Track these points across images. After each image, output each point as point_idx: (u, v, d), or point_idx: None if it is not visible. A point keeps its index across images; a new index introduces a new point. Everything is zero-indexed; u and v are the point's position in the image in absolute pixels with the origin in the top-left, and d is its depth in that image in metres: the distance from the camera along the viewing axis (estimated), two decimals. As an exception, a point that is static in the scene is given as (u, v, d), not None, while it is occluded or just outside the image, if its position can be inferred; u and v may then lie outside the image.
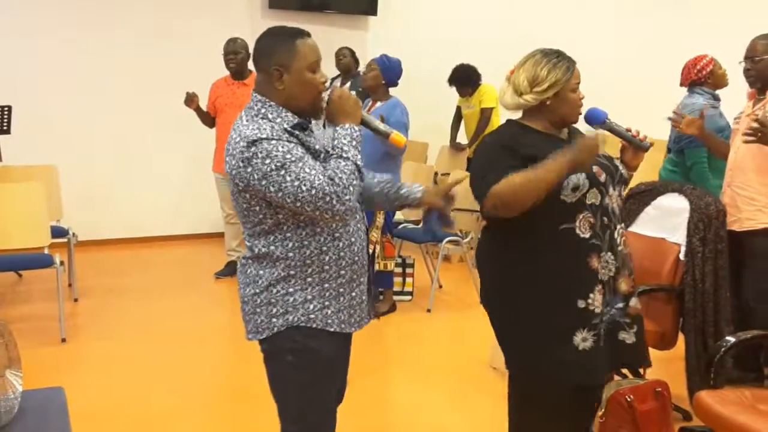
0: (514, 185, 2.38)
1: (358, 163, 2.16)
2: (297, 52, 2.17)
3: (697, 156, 4.31)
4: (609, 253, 2.51)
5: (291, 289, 2.21)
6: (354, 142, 2.20)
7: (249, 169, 2.08)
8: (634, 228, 3.84)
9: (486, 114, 6.96)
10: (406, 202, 2.54)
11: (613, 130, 2.68)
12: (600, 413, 3.03)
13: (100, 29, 6.71)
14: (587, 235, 2.47)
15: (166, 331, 4.87)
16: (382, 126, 2.36)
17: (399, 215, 5.60)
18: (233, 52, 5.68)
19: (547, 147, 2.43)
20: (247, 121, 2.16)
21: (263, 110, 2.18)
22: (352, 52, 6.95)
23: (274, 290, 2.22)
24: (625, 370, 3.56)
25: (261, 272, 2.23)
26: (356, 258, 2.28)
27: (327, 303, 2.24)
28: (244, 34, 5.89)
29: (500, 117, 7.09)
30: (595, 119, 2.68)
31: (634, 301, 2.60)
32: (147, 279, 6.00)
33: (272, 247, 2.20)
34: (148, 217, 7.10)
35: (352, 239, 2.26)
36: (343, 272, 2.25)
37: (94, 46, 6.70)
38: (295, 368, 2.26)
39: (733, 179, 3.79)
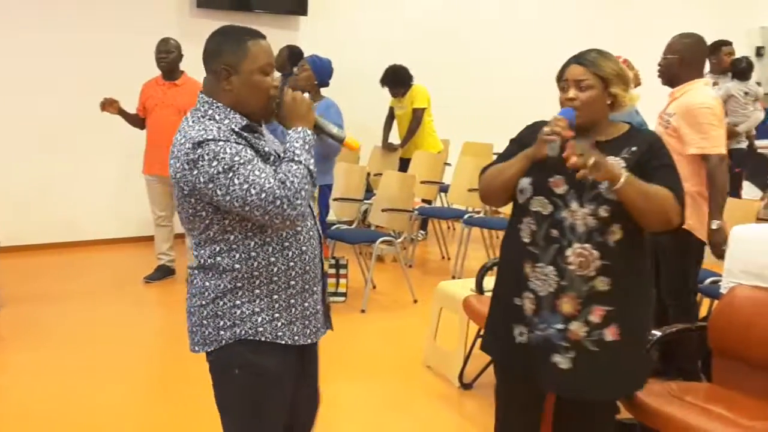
0: (487, 175, 2.50)
1: (311, 167, 2.09)
2: (247, 53, 2.10)
3: None
4: (550, 267, 2.39)
5: (238, 302, 2.14)
6: (307, 146, 2.12)
7: (195, 172, 2.00)
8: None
9: (417, 114, 7.01)
10: None
11: None
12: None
13: (24, 30, 6.48)
14: (526, 241, 2.45)
15: (95, 337, 4.74)
16: (335, 129, 2.29)
17: (332, 216, 5.58)
18: (165, 51, 5.58)
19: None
20: (192, 122, 2.09)
21: (210, 111, 2.12)
22: (291, 51, 6.91)
23: (221, 303, 2.14)
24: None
25: (207, 284, 2.16)
26: (308, 267, 2.20)
27: (277, 315, 2.16)
28: (173, 33, 5.79)
29: (432, 117, 7.16)
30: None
31: (576, 326, 2.38)
32: (74, 284, 5.83)
33: (218, 258, 2.12)
34: (76, 221, 6.90)
35: (303, 248, 2.18)
36: (293, 282, 2.17)
37: (20, 47, 6.48)
38: (243, 383, 2.18)
39: None
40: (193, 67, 6.16)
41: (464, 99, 8.05)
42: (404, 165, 7.04)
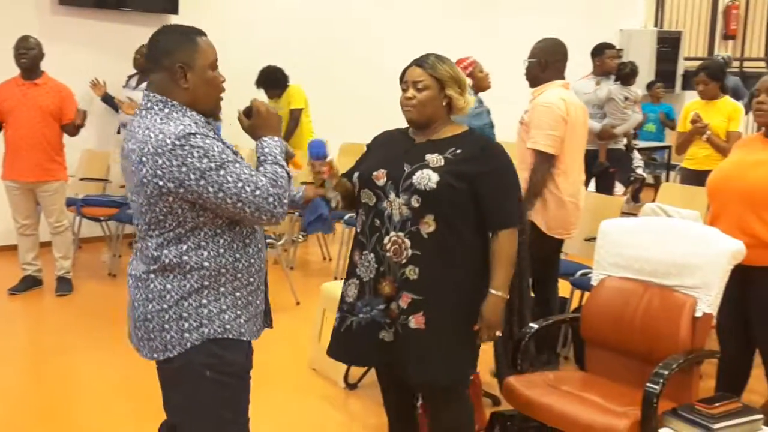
0: None
1: (290, 173, 2.14)
2: (199, 49, 2.12)
3: None
4: (372, 255, 2.59)
5: (204, 301, 2.11)
6: (283, 155, 2.17)
7: (184, 169, 1.97)
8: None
9: (295, 115, 6.96)
10: (297, 205, 2.61)
11: None
12: (419, 403, 3.13)
13: None
14: (358, 230, 2.67)
15: (-44, 357, 4.44)
16: (288, 148, 2.32)
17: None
18: (25, 48, 5.27)
19: None
20: (160, 119, 2.04)
21: (166, 110, 2.07)
22: None
23: (186, 303, 2.10)
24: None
25: (168, 286, 2.10)
26: (262, 265, 2.25)
27: (239, 312, 2.17)
28: (33, 32, 5.47)
29: (309, 117, 7.13)
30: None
31: (394, 306, 2.58)
32: (-71, 301, 5.44)
33: (185, 257, 2.08)
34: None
35: (260, 245, 2.22)
36: (252, 279, 2.19)
37: None
38: (215, 383, 2.14)
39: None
40: (56, 67, 5.91)
41: (341, 99, 8.06)
42: (283, 166, 6.96)
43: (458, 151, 2.56)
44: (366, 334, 2.62)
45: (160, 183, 2.01)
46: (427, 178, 2.51)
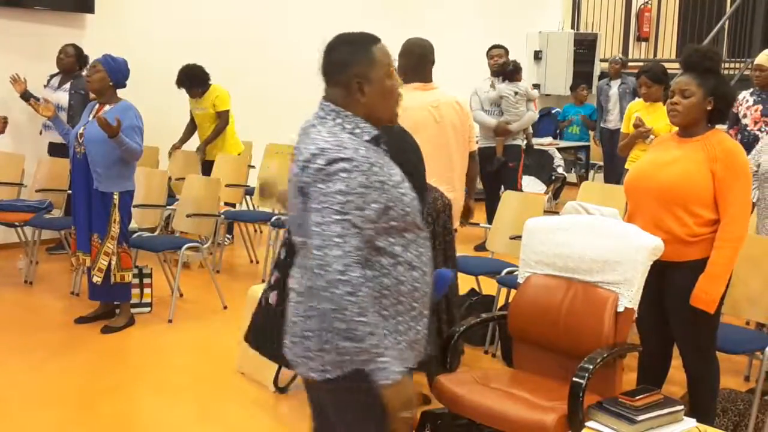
0: None
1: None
2: (375, 60, 2.03)
3: None
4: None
5: None
6: None
7: (329, 184, 1.91)
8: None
9: (224, 116, 6.86)
10: None
11: None
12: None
13: None
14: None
15: None
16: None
17: (134, 224, 5.33)
18: None
19: None
20: (326, 133, 1.98)
21: (338, 120, 2.02)
22: (78, 51, 6.50)
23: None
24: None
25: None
26: (427, 290, 2.10)
27: (401, 338, 2.04)
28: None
29: (233, 118, 7.03)
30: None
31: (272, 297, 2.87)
32: None
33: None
34: None
35: (425, 269, 2.09)
36: (416, 305, 2.07)
37: None
38: (368, 409, 2.02)
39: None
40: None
41: (265, 100, 7.98)
42: (206, 168, 6.85)
43: None
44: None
45: (309, 194, 1.95)
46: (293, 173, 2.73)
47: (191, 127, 7.09)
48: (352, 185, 1.91)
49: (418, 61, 4.00)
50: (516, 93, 7.10)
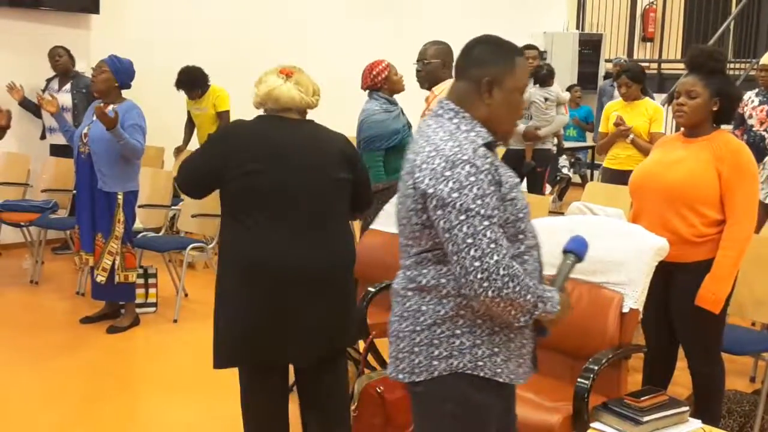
0: None
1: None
2: (515, 70, 2.00)
3: (370, 158, 4.43)
4: None
5: (458, 331, 1.96)
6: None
7: (440, 187, 1.88)
8: (376, 225, 4.01)
9: (225, 117, 6.86)
10: None
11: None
12: (353, 406, 3.14)
13: None
14: None
15: None
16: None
17: (138, 224, 5.34)
18: None
19: None
20: (443, 134, 1.95)
21: (455, 120, 1.97)
22: (68, 51, 6.51)
23: (438, 330, 1.97)
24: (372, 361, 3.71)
25: (424, 308, 1.98)
26: (532, 299, 1.99)
27: (496, 349, 1.99)
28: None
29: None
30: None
31: None
32: None
33: (443, 280, 1.95)
34: None
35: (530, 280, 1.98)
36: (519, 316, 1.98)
37: None
38: (455, 420, 2.00)
39: None
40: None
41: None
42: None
43: None
44: None
45: (422, 194, 1.92)
46: None
47: (190, 127, 7.09)
48: (484, 187, 1.88)
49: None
50: (546, 99, 6.88)
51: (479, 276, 1.84)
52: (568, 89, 9.88)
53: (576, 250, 2.16)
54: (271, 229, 2.71)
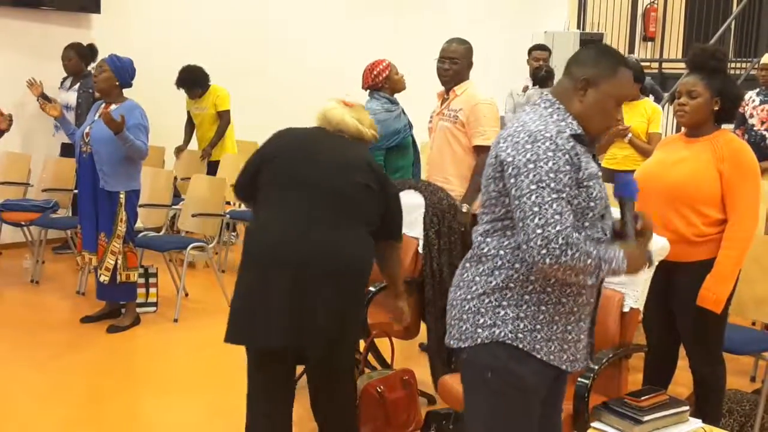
0: None
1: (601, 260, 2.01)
2: (615, 75, 2.09)
3: None
4: None
5: (504, 303, 2.06)
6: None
7: (519, 157, 1.99)
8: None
9: (225, 117, 6.86)
10: None
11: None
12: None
13: None
14: None
15: None
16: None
17: (139, 223, 5.34)
18: None
19: None
20: (534, 115, 2.07)
21: (549, 110, 2.09)
22: (81, 51, 6.51)
23: (486, 300, 2.08)
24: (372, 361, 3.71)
25: (477, 278, 2.10)
26: (583, 291, 2.10)
27: (539, 326, 2.06)
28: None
29: (232, 120, 7.02)
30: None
31: None
32: None
33: (501, 252, 2.07)
34: None
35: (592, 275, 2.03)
36: (564, 300, 2.08)
37: None
38: (493, 388, 2.10)
39: (431, 174, 4.25)
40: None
41: (268, 100, 7.98)
42: (212, 168, 6.86)
43: None
44: None
45: (504, 163, 2.02)
46: None
47: (190, 127, 7.09)
48: (559, 164, 1.97)
49: None
50: None
51: (539, 242, 1.92)
52: None
53: (627, 195, 2.20)
54: (281, 215, 2.81)
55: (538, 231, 1.93)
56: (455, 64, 4.14)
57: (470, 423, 2.22)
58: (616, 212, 2.23)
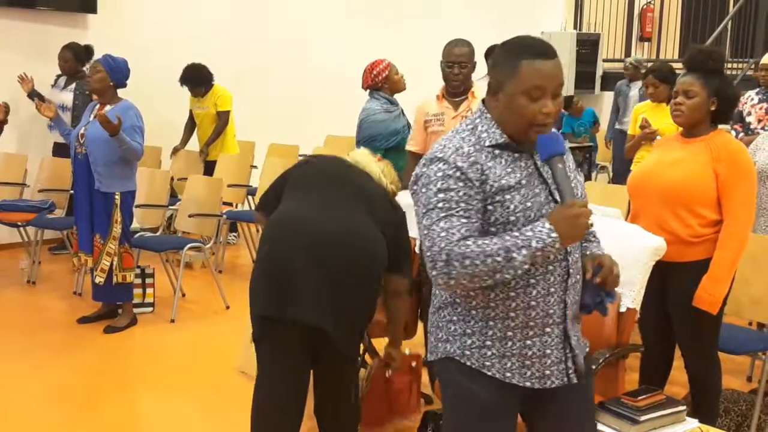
0: None
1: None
2: (519, 73, 1.94)
3: None
4: None
5: (455, 317, 2.05)
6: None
7: (414, 187, 2.00)
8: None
9: (224, 117, 6.87)
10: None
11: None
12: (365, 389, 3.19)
13: None
14: None
15: None
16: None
17: (135, 224, 5.34)
18: None
19: None
20: (451, 132, 2.05)
21: (476, 121, 2.04)
22: (76, 52, 6.50)
23: (442, 314, 2.09)
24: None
25: (437, 292, 2.11)
26: (534, 303, 1.98)
27: (489, 343, 2.00)
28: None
29: (233, 121, 7.03)
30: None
31: None
32: None
33: None
34: None
35: (531, 281, 1.97)
36: (513, 314, 1.98)
37: None
38: (450, 402, 2.13)
39: None
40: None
41: (267, 100, 7.98)
42: (209, 168, 6.86)
43: None
44: None
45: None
46: None
47: (191, 126, 7.09)
48: (449, 183, 1.93)
49: None
50: None
51: (429, 264, 1.92)
52: (568, 101, 9.81)
53: (554, 152, 2.01)
54: (301, 200, 2.91)
55: (427, 253, 1.91)
56: (464, 68, 4.11)
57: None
58: (606, 210, 2.19)
